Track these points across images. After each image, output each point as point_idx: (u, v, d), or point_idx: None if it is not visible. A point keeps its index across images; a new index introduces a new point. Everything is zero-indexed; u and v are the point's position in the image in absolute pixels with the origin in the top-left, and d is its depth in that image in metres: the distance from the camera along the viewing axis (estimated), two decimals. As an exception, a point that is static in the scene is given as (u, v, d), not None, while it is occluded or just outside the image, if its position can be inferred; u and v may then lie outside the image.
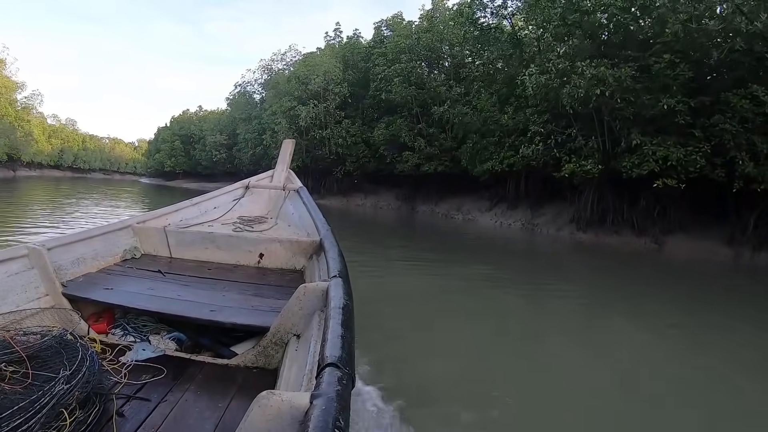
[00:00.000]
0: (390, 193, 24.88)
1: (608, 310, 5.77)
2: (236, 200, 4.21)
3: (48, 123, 70.42)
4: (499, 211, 18.28)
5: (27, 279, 2.15)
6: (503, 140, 17.37)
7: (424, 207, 22.42)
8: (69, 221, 10.52)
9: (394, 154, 22.26)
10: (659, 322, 5.11)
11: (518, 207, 17.90)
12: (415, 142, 21.00)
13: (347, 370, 1.06)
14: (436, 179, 21.98)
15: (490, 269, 8.58)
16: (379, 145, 22.57)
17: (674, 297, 6.65)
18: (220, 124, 45.38)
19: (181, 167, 52.61)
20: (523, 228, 16.32)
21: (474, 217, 18.98)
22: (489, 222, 17.97)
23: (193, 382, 1.72)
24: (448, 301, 5.76)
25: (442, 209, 21.26)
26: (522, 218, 17.04)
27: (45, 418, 1.19)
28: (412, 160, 21.13)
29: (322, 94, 24.64)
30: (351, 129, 23.92)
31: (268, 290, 2.50)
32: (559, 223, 15.42)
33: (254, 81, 37.41)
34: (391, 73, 21.56)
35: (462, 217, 19.58)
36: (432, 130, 21.31)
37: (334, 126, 24.37)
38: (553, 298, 6.26)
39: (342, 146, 24.25)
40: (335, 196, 25.69)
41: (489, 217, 18.39)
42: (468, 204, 20.45)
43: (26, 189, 26.01)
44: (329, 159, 25.06)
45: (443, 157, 21.24)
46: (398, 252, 10.27)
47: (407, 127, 21.65)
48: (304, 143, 25.63)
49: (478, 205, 19.78)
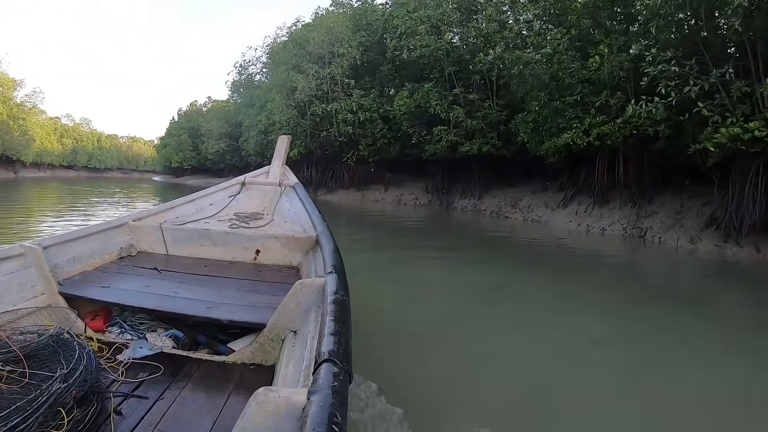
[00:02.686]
0: (417, 185, 19.18)
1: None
2: (232, 197, 4.14)
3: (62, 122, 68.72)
4: (580, 209, 12.29)
5: (23, 278, 2.14)
6: (588, 99, 11.37)
7: (463, 202, 16.61)
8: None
9: (421, 131, 16.52)
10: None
11: (610, 202, 11.89)
12: (450, 112, 15.15)
13: (344, 366, 1.06)
14: (479, 164, 16.13)
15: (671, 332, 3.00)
16: (400, 120, 16.80)
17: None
18: (226, 113, 40.81)
19: (189, 162, 48.32)
20: (627, 236, 10.36)
21: (540, 217, 13.05)
22: (565, 224, 12.05)
23: (190, 379, 1.72)
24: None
25: (489, 205, 15.40)
26: (621, 220, 11.04)
27: (42, 417, 1.20)
28: (447, 138, 15.31)
29: (327, 57, 19.02)
30: (364, 102, 18.18)
31: (264, 286, 2.49)
32: (689, 228, 9.38)
33: (256, 59, 31.97)
34: (413, 22, 15.76)
35: (521, 216, 13.69)
36: (473, 95, 15.41)
37: (342, 98, 18.70)
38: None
39: (353, 124, 18.52)
40: (347, 190, 20.18)
41: (564, 216, 12.43)
42: (527, 198, 14.53)
43: (16, 191, 21.93)
44: (337, 142, 19.47)
45: (489, 133, 15.36)
46: (463, 291, 4.91)
47: (438, 93, 15.83)
48: (306, 125, 20.18)
49: (544, 200, 13.84)
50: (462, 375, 2.89)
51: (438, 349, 3.28)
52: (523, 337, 3.67)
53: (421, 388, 2.62)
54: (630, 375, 3.03)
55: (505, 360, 3.19)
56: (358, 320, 1.82)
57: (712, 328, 4.16)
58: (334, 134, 19.18)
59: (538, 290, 5.48)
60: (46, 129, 59.47)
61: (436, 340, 3.48)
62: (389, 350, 3.13)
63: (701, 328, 4.13)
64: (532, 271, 6.81)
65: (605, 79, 11.01)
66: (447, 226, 13.65)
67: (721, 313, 4.89)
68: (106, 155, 76.30)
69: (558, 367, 3.10)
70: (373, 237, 10.45)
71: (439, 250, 8.61)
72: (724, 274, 7.06)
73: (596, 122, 11.13)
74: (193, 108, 52.33)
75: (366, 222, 13.27)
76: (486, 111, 15.20)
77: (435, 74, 16.33)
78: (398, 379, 2.57)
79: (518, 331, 3.84)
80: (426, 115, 16.66)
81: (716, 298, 5.72)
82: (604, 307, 4.68)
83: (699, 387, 2.85)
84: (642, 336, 3.79)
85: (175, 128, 52.04)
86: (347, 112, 18.02)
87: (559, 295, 5.27)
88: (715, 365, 3.24)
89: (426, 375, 2.82)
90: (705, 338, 3.83)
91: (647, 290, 5.71)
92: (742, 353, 3.46)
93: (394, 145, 18.71)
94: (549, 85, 12.14)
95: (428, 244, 9.29)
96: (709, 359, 3.36)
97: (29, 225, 9.25)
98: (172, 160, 50.37)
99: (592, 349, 3.45)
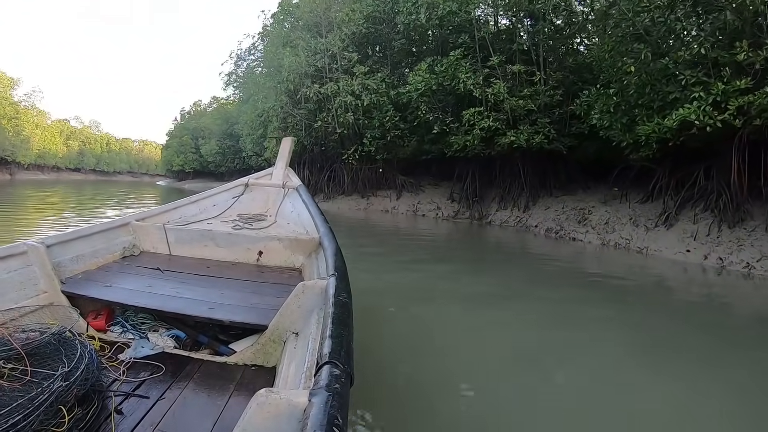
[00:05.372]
0: (439, 191, 14.82)
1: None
2: (235, 198, 4.12)
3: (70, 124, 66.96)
4: (699, 230, 7.76)
5: (26, 276, 2.15)
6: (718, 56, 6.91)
7: (502, 214, 12.16)
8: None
9: (445, 118, 12.17)
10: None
11: (750, 219, 7.37)
12: (488, 88, 10.77)
13: (346, 368, 1.05)
14: (525, 162, 11.70)
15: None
16: (417, 104, 12.47)
17: None
18: (225, 112, 37.42)
19: (191, 165, 44.91)
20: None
21: (628, 241, 8.52)
22: (674, 254, 7.56)
23: (191, 379, 1.72)
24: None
25: (540, 219, 10.92)
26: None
27: (44, 415, 1.20)
28: (483, 124, 10.93)
29: (323, 26, 14.84)
30: (370, 83, 13.89)
31: (266, 288, 2.48)
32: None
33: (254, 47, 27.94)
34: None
35: (597, 237, 9.16)
36: (517, 66, 11.01)
37: (341, 77, 14.43)
38: None
39: (355, 111, 14.27)
40: (348, 197, 15.88)
41: (671, 241, 7.89)
42: (599, 210, 10.01)
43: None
44: (336, 135, 15.22)
45: (541, 119, 10.95)
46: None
47: (469, 66, 11.48)
48: (300, 115, 16.06)
49: (629, 214, 9.30)
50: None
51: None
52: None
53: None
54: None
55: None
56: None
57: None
58: (331, 124, 14.90)
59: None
60: (51, 130, 57.60)
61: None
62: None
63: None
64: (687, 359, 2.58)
65: (748, 18, 6.62)
66: (485, 249, 9.27)
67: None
68: (114, 158, 74.29)
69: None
70: (380, 265, 6.25)
71: (487, 295, 4.67)
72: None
73: (735, 89, 6.68)
74: (196, 108, 49.15)
75: (370, 241, 8.97)
76: (537, 86, 10.78)
77: (465, 39, 11.99)
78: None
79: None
80: (452, 96, 12.32)
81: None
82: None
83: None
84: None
85: (177, 129, 48.92)
86: (347, 94, 13.71)
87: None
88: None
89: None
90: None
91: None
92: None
93: (408, 138, 14.34)
94: (651, 32, 7.70)
95: (466, 281, 5.42)
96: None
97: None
98: (173, 163, 47.18)
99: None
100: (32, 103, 47.46)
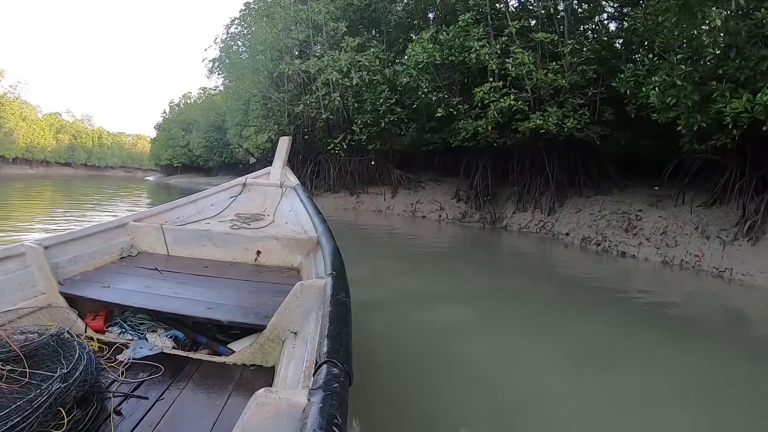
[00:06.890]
0: (443, 188, 12.55)
1: None
2: (233, 198, 4.07)
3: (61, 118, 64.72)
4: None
5: (24, 277, 2.12)
6: None
7: (521, 217, 9.89)
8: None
9: (451, 99, 9.90)
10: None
11: None
12: (506, 60, 8.51)
13: (345, 367, 1.04)
14: (551, 152, 9.46)
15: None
16: (417, 81, 10.18)
17: None
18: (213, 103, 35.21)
19: (179, 160, 42.66)
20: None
21: (698, 259, 6.27)
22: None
23: (190, 380, 1.70)
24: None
25: (572, 225, 8.64)
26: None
27: (42, 416, 1.18)
28: (499, 106, 8.67)
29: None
30: (362, 58, 11.60)
31: (265, 287, 2.45)
32: None
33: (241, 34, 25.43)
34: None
35: (656, 253, 6.86)
36: (542, 35, 8.74)
37: (327, 53, 12.11)
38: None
39: (344, 91, 11.96)
40: (335, 194, 13.56)
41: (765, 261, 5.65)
42: (651, 215, 7.71)
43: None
44: (321, 121, 12.92)
45: (572, 99, 8.70)
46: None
47: (482, 33, 9.21)
48: (281, 99, 13.77)
49: (694, 222, 7.03)
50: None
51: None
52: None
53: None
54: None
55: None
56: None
57: None
58: (316, 109, 12.58)
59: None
60: (40, 123, 55.41)
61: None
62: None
63: None
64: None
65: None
66: (504, 265, 7.04)
67: None
68: (106, 153, 71.90)
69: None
70: (368, 284, 4.02)
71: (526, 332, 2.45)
72: None
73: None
74: (186, 100, 46.83)
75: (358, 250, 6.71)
76: (569, 58, 8.49)
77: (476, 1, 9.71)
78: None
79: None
80: (459, 73, 10.04)
81: None
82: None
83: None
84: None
85: (166, 122, 46.66)
86: (333, 71, 11.40)
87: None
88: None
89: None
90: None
91: None
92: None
93: (406, 125, 12.03)
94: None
95: (487, 313, 3.28)
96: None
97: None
98: (161, 157, 44.97)
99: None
100: (17, 95, 45.30)
